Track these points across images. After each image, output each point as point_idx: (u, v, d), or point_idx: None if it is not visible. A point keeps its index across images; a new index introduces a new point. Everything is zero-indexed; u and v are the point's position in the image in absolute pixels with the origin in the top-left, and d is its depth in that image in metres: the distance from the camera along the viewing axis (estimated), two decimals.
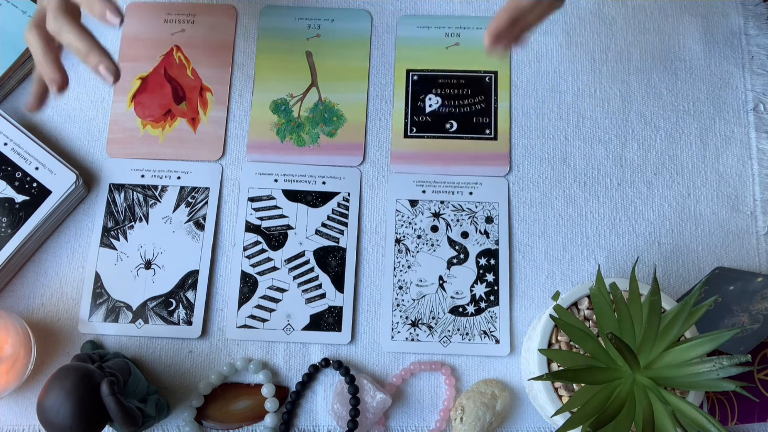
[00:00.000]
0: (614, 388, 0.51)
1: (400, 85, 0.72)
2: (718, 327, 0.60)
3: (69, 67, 0.71)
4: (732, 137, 0.71)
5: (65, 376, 0.53)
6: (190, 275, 0.66)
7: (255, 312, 0.66)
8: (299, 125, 0.71)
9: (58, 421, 0.51)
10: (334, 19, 0.74)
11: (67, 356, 0.64)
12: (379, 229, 0.68)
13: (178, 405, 0.64)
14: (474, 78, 0.72)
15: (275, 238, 0.67)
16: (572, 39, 0.73)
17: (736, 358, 0.48)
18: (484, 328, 0.65)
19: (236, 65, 0.73)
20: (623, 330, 0.52)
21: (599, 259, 0.68)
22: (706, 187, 0.70)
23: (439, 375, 0.65)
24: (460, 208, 0.68)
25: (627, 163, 0.70)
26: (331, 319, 0.66)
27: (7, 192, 0.65)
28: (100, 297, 0.66)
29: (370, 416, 0.62)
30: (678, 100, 0.72)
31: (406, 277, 0.67)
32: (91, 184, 0.69)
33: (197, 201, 0.68)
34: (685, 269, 0.68)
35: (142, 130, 0.70)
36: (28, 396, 0.64)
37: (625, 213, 0.69)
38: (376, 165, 0.70)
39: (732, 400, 0.62)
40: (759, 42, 0.73)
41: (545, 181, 0.70)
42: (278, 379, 0.65)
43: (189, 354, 0.65)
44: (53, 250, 0.67)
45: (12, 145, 0.66)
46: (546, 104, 0.72)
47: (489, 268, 0.67)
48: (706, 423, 0.48)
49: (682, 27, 0.74)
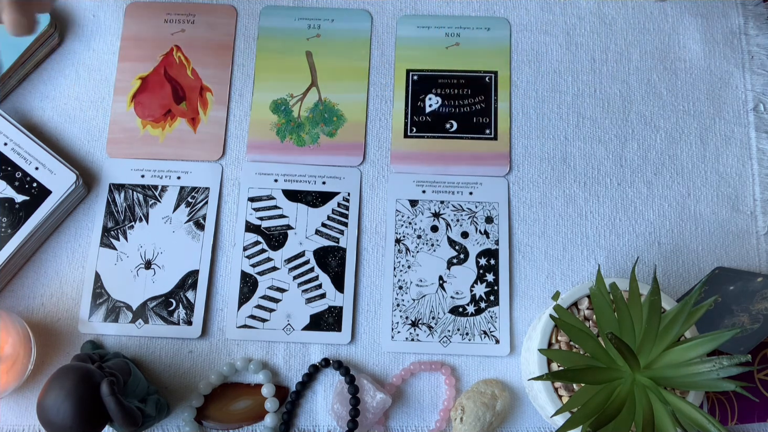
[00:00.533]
0: (614, 388, 0.51)
1: (400, 85, 0.72)
2: (718, 327, 0.60)
3: (69, 67, 0.72)
4: (732, 137, 0.71)
5: (65, 376, 0.53)
6: (190, 275, 0.66)
7: (255, 312, 0.66)
8: (299, 125, 0.71)
9: (58, 421, 0.51)
10: (334, 19, 0.74)
11: (67, 356, 0.64)
12: (379, 229, 0.68)
13: (178, 405, 0.64)
14: (474, 78, 0.72)
15: (275, 238, 0.67)
16: (572, 39, 0.73)
17: (736, 358, 0.48)
18: (484, 328, 0.65)
19: (236, 65, 0.73)
20: (623, 330, 0.52)
21: (599, 259, 0.68)
22: (706, 187, 0.70)
23: (439, 375, 0.65)
24: (460, 208, 0.68)
25: (627, 163, 0.70)
26: (331, 319, 0.66)
27: (7, 192, 0.65)
28: (100, 297, 0.66)
29: (370, 416, 0.62)
30: (678, 100, 0.72)
31: (406, 277, 0.67)
32: (91, 184, 0.69)
33: (197, 201, 0.68)
34: (685, 269, 0.68)
35: (142, 130, 0.70)
36: (28, 396, 0.64)
37: (625, 213, 0.69)
38: (376, 165, 0.70)
39: (732, 400, 0.62)
40: (759, 42, 0.73)
41: (545, 181, 0.70)
42: (278, 379, 0.65)
43: (189, 354, 0.65)
44: (53, 250, 0.67)
45: (12, 145, 0.66)
46: (546, 104, 0.72)
47: (489, 268, 0.67)
48: (706, 423, 0.48)
49: (682, 27, 0.74)
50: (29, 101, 0.71)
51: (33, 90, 0.71)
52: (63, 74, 0.72)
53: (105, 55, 0.72)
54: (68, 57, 0.72)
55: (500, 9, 0.74)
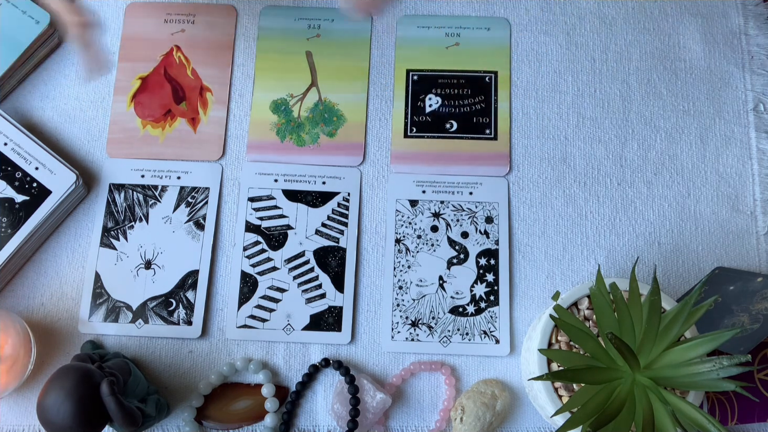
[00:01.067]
0: (614, 388, 0.51)
1: (400, 85, 0.72)
2: (718, 327, 0.60)
3: (69, 67, 0.72)
4: (732, 137, 0.71)
5: (65, 376, 0.53)
6: (190, 275, 0.66)
7: (255, 312, 0.66)
8: (299, 125, 0.71)
9: (58, 421, 0.51)
10: (334, 19, 0.74)
11: (67, 356, 0.64)
12: (379, 229, 0.68)
13: (178, 405, 0.64)
14: (474, 78, 0.72)
15: (275, 238, 0.67)
16: (572, 39, 0.73)
17: (736, 358, 0.48)
18: (484, 328, 0.65)
19: (236, 65, 0.73)
20: (623, 330, 0.52)
21: (599, 259, 0.68)
22: (706, 187, 0.70)
23: (439, 375, 0.65)
24: (460, 208, 0.68)
25: (627, 163, 0.70)
26: (331, 319, 0.66)
27: (7, 192, 0.65)
28: (100, 297, 0.66)
29: (370, 416, 0.62)
30: (678, 100, 0.72)
31: (406, 277, 0.67)
32: (91, 184, 0.69)
33: (197, 201, 0.68)
34: (685, 269, 0.68)
35: (142, 130, 0.70)
36: (28, 396, 0.64)
37: (625, 213, 0.69)
38: (376, 165, 0.70)
39: (732, 400, 0.62)
40: (759, 42, 0.73)
41: (545, 181, 0.70)
42: (278, 379, 0.65)
43: (189, 354, 0.65)
44: (53, 250, 0.67)
45: (12, 145, 0.66)
46: (546, 104, 0.72)
47: (489, 268, 0.67)
48: (706, 423, 0.48)
49: (682, 27, 0.74)
50: (29, 101, 0.71)
51: (33, 90, 0.71)
52: (63, 74, 0.72)
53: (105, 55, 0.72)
54: (68, 57, 0.72)
55: (500, 9, 0.74)
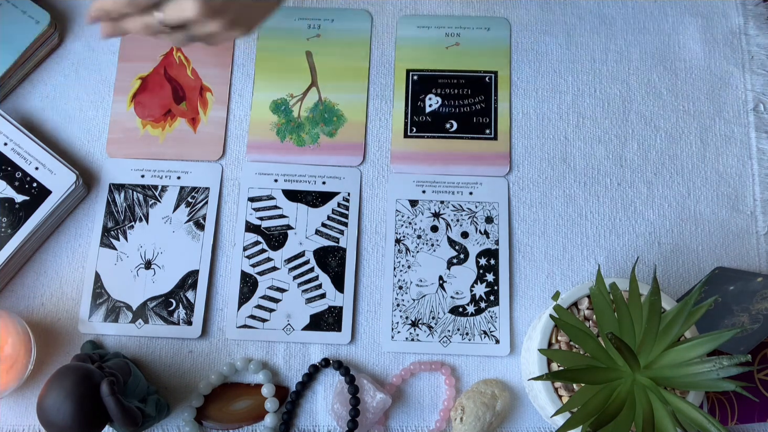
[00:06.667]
0: (614, 388, 0.51)
1: (400, 85, 0.72)
2: (718, 327, 0.60)
3: (69, 67, 0.72)
4: (732, 137, 0.71)
5: (65, 376, 0.53)
6: (190, 275, 0.66)
7: (255, 312, 0.66)
8: (299, 125, 0.71)
9: (58, 421, 0.51)
10: (334, 19, 0.74)
11: (67, 356, 0.64)
12: (379, 229, 0.68)
13: (178, 405, 0.64)
14: (474, 78, 0.72)
15: (275, 238, 0.67)
16: (572, 39, 0.73)
17: (736, 358, 0.48)
18: (484, 328, 0.65)
19: (236, 65, 0.73)
20: (623, 330, 0.52)
21: (599, 259, 0.68)
22: (706, 187, 0.70)
23: (439, 375, 0.65)
24: (460, 208, 0.68)
25: (627, 163, 0.70)
26: (331, 319, 0.66)
27: (7, 192, 0.65)
28: (100, 297, 0.66)
29: (370, 416, 0.62)
30: (678, 100, 0.72)
31: (406, 277, 0.67)
32: (91, 184, 0.69)
33: (197, 201, 0.68)
34: (685, 269, 0.68)
35: (142, 130, 0.70)
36: (28, 396, 0.64)
37: (625, 213, 0.69)
38: (376, 165, 0.70)
39: (732, 400, 0.62)
40: (759, 42, 0.73)
41: (545, 181, 0.70)
42: (278, 379, 0.65)
43: (189, 354, 0.65)
44: (53, 250, 0.67)
45: (12, 145, 0.66)
46: (546, 104, 0.72)
47: (489, 268, 0.67)
48: (706, 423, 0.48)
49: (682, 27, 0.74)
50: (29, 101, 0.71)
51: (33, 90, 0.71)
52: (63, 74, 0.72)
53: (105, 55, 0.72)
54: (68, 57, 0.72)
55: (500, 9, 0.74)
